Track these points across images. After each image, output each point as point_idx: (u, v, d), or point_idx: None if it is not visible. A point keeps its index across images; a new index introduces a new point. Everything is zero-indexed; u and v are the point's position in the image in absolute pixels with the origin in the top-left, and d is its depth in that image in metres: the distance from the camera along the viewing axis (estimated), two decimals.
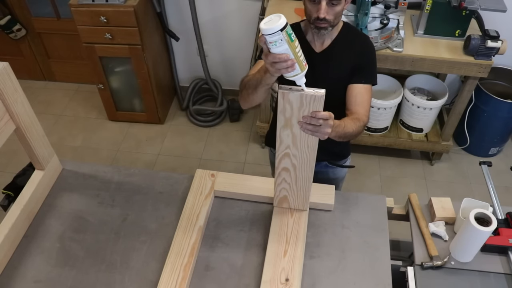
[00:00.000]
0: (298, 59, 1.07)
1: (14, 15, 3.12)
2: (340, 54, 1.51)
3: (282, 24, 0.99)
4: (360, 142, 2.85)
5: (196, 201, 1.50)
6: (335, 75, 1.52)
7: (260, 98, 1.35)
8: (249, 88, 1.33)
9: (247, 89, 1.35)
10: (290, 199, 1.45)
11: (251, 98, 1.35)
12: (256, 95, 1.32)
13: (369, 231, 1.46)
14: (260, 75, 1.25)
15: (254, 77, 1.29)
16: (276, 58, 1.06)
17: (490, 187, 1.56)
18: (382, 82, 2.79)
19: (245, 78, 1.39)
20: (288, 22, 1.02)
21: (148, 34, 2.75)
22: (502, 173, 2.84)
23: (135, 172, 1.65)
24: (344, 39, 1.52)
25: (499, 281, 1.36)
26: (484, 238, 1.32)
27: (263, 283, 1.28)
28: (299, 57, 1.07)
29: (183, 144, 3.10)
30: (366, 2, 2.13)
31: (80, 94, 3.49)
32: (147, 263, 1.37)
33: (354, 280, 1.33)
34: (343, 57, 1.51)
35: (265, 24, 1.01)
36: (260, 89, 1.28)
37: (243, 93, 1.39)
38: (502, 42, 2.25)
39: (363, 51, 1.53)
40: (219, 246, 1.42)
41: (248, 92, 1.34)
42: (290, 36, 1.03)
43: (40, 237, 1.44)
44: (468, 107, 2.71)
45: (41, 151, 1.49)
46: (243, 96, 1.39)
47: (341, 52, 1.51)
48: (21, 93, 1.34)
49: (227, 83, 3.31)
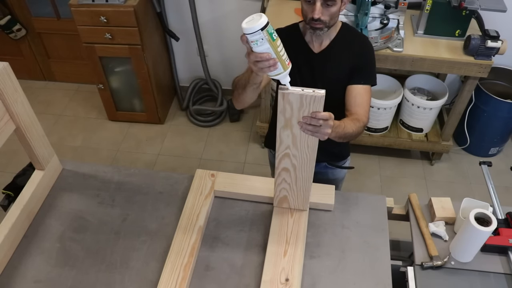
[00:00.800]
0: (281, 58, 1.08)
1: (14, 15, 3.12)
2: (339, 54, 1.51)
3: (263, 23, 0.99)
4: (360, 142, 2.85)
5: (196, 201, 1.50)
6: (334, 75, 1.52)
7: (250, 97, 1.38)
8: (239, 88, 1.37)
9: (237, 89, 1.39)
10: (290, 199, 1.45)
11: (242, 97, 1.39)
12: (245, 95, 1.36)
13: (369, 231, 1.46)
14: (247, 74, 1.28)
15: (243, 76, 1.33)
16: (258, 57, 1.07)
17: (490, 187, 1.56)
18: (382, 82, 2.79)
19: (236, 78, 1.43)
20: (269, 21, 1.02)
21: (148, 34, 2.75)
22: (502, 173, 2.84)
23: (135, 172, 1.65)
24: (342, 40, 1.52)
25: (499, 281, 1.36)
26: (484, 238, 1.32)
27: (263, 283, 1.28)
28: (281, 56, 1.08)
29: (183, 144, 3.10)
30: (366, 2, 2.13)
31: (80, 94, 3.49)
32: (147, 263, 1.37)
33: (354, 280, 1.33)
34: (342, 58, 1.51)
35: (246, 23, 1.01)
36: (249, 88, 1.31)
37: (234, 93, 1.43)
38: (502, 42, 2.25)
39: (362, 52, 1.52)
40: (219, 246, 1.42)
41: (239, 92, 1.38)
42: (272, 35, 1.03)
43: (40, 237, 1.44)
44: (468, 107, 2.71)
45: (41, 151, 1.49)
46: (235, 96, 1.43)
47: (339, 53, 1.51)
48: (21, 93, 1.34)
49: (227, 83, 3.31)
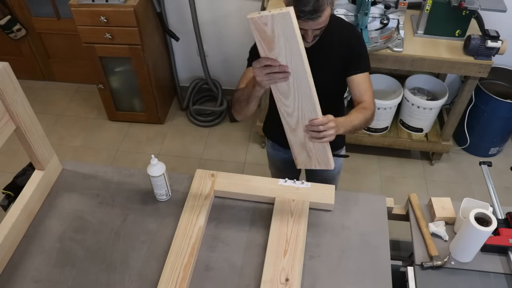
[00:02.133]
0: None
1: (14, 15, 3.12)
2: (330, 46, 1.52)
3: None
4: (360, 142, 2.85)
5: (196, 201, 1.50)
6: (326, 67, 1.53)
7: (252, 109, 1.43)
8: (242, 102, 1.41)
9: (239, 103, 1.44)
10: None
11: (244, 111, 1.44)
12: (248, 109, 1.41)
13: (369, 231, 1.46)
14: (250, 89, 1.33)
15: (245, 91, 1.37)
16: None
17: (490, 187, 1.56)
18: (382, 82, 2.79)
19: (237, 94, 1.48)
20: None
21: (148, 34, 2.75)
22: (502, 173, 2.84)
23: (135, 172, 1.65)
24: (332, 31, 1.51)
25: (499, 281, 1.36)
26: (484, 238, 1.32)
27: (263, 283, 1.28)
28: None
29: (183, 144, 3.10)
30: (366, 2, 2.13)
31: (80, 94, 3.49)
32: (147, 263, 1.37)
33: (354, 280, 1.33)
34: (333, 49, 1.52)
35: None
36: (252, 102, 1.37)
37: (236, 107, 1.48)
38: (502, 42, 2.25)
39: (352, 42, 1.53)
40: (219, 246, 1.42)
41: (241, 106, 1.43)
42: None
43: (40, 237, 1.44)
44: (468, 107, 2.71)
45: (41, 151, 1.49)
46: (237, 110, 1.48)
47: (330, 44, 1.52)
48: (21, 93, 1.34)
49: (227, 83, 3.31)
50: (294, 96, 1.27)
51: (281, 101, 1.31)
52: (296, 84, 1.24)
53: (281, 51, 1.16)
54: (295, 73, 1.21)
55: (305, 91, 1.25)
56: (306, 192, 1.53)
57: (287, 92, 1.27)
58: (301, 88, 1.25)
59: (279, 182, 1.56)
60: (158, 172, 1.44)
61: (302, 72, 1.20)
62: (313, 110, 1.30)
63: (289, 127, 1.40)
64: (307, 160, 1.50)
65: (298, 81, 1.23)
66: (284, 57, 1.17)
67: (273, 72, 1.19)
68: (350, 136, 2.82)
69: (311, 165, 1.51)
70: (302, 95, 1.26)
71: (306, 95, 1.26)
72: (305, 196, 1.51)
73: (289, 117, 1.35)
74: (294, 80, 1.23)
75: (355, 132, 1.45)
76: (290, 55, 1.16)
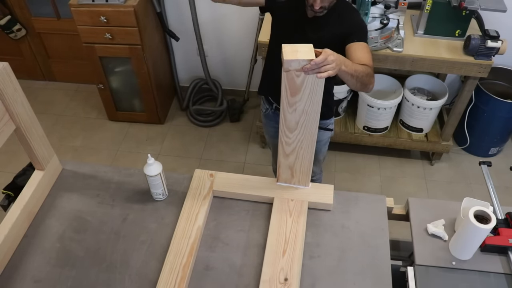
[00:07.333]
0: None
1: (14, 15, 3.12)
2: (330, 20, 1.60)
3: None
4: (360, 142, 2.85)
5: (195, 201, 1.50)
6: (325, 40, 1.58)
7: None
8: None
9: None
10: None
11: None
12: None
13: (369, 231, 1.46)
14: None
15: None
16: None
17: (490, 187, 1.56)
18: (382, 82, 2.79)
19: None
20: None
21: (148, 34, 2.75)
22: (502, 173, 2.84)
23: (135, 172, 1.65)
24: (333, 8, 1.59)
25: (499, 281, 1.36)
26: (483, 235, 1.32)
27: (262, 283, 1.28)
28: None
29: (183, 144, 3.10)
30: (366, 2, 2.13)
31: (80, 94, 3.49)
32: (147, 263, 1.37)
33: (354, 280, 1.33)
34: (334, 24, 1.61)
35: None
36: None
37: None
38: (502, 42, 2.25)
39: (351, 19, 1.63)
40: (219, 246, 1.42)
41: None
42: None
43: (40, 237, 1.44)
44: (468, 107, 2.71)
45: (41, 151, 1.49)
46: None
47: (330, 19, 1.60)
48: (21, 93, 1.34)
49: (227, 83, 3.31)
50: (299, 132, 1.38)
51: (285, 133, 1.39)
52: (304, 125, 1.35)
53: (302, 99, 1.27)
54: (308, 116, 1.32)
55: (310, 131, 1.37)
56: (305, 192, 1.53)
57: (293, 128, 1.36)
58: (307, 129, 1.36)
59: (277, 183, 1.56)
60: (154, 172, 1.45)
61: (315, 115, 1.32)
62: (311, 145, 1.41)
63: (283, 152, 1.46)
64: (288, 178, 1.55)
65: (307, 122, 1.34)
66: (304, 104, 1.28)
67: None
68: (350, 136, 2.82)
69: (291, 183, 1.56)
70: (306, 134, 1.38)
71: (310, 134, 1.38)
72: (304, 196, 1.52)
73: (287, 145, 1.43)
74: (304, 121, 1.33)
75: (357, 80, 1.42)
76: (310, 104, 1.28)
